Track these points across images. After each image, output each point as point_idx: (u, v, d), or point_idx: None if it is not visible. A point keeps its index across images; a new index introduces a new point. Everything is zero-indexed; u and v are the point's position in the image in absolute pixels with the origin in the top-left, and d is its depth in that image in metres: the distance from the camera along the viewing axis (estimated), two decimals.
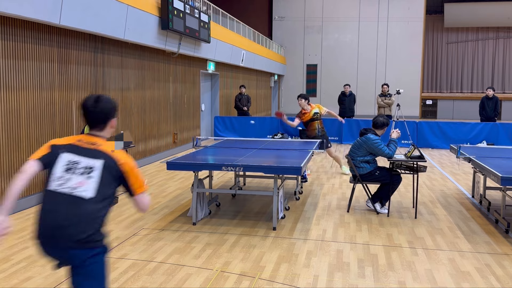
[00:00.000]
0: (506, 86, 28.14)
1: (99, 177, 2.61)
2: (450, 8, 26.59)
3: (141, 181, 2.74)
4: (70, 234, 2.49)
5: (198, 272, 4.26)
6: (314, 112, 8.46)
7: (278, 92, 25.92)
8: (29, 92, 6.45)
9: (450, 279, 4.18)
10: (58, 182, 2.60)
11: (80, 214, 2.51)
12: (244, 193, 7.23)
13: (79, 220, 2.50)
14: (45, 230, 2.55)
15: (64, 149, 2.70)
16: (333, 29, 25.08)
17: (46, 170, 2.68)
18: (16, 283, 3.99)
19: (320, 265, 4.46)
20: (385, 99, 13.98)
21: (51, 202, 2.59)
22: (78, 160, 2.65)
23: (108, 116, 2.80)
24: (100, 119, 2.78)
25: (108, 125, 2.83)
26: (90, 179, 2.59)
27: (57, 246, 2.53)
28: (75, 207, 2.53)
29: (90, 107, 2.75)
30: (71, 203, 2.54)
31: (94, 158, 2.66)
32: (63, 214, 2.52)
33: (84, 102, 2.77)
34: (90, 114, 2.77)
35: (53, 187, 2.60)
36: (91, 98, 2.77)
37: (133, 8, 8.36)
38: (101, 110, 2.76)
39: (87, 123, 2.83)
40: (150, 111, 10.28)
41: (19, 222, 5.73)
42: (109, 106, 2.79)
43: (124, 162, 2.69)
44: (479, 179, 6.94)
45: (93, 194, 2.56)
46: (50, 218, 2.55)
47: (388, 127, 6.53)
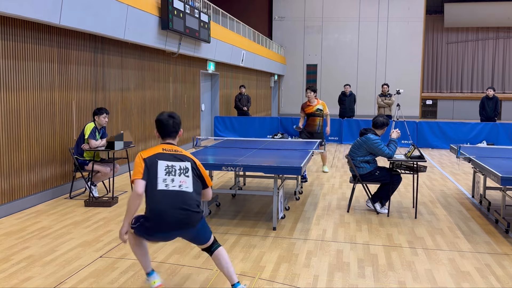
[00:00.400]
0: (506, 86, 28.14)
1: (192, 175, 3.54)
2: (450, 8, 26.59)
3: (209, 177, 3.72)
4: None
5: (198, 272, 4.26)
6: (318, 108, 8.52)
7: (278, 92, 25.92)
8: (29, 92, 6.45)
9: (450, 279, 4.18)
10: (165, 183, 3.43)
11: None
12: (244, 193, 7.23)
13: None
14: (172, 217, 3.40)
15: (156, 157, 3.52)
16: (333, 29, 25.08)
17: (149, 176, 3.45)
18: (16, 283, 3.99)
19: (320, 265, 4.46)
20: (385, 99, 13.98)
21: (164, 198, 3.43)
22: (173, 164, 3.51)
23: (179, 128, 3.70)
24: (174, 130, 3.66)
25: (178, 134, 3.72)
26: (188, 178, 3.52)
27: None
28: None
29: (165, 121, 3.61)
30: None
31: (185, 160, 3.56)
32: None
33: (160, 118, 3.62)
34: (167, 127, 3.63)
35: (162, 187, 3.42)
36: (165, 115, 3.63)
37: (133, 8, 8.36)
38: (174, 123, 3.64)
39: (163, 134, 3.67)
40: (150, 111, 10.28)
41: (19, 222, 5.74)
42: (179, 120, 3.69)
43: (199, 163, 3.62)
44: (479, 179, 6.94)
45: (191, 189, 3.49)
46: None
47: (388, 127, 6.53)
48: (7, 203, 6.07)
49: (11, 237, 5.19)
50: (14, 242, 5.01)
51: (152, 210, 3.40)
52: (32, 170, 6.55)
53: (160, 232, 3.44)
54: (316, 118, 8.55)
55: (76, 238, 5.18)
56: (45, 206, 6.51)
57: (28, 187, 6.47)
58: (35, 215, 6.08)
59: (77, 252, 4.72)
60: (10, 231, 5.40)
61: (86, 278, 4.10)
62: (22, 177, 6.36)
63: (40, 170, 6.71)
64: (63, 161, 7.20)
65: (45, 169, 6.81)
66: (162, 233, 3.45)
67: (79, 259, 4.53)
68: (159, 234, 3.48)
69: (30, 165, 6.51)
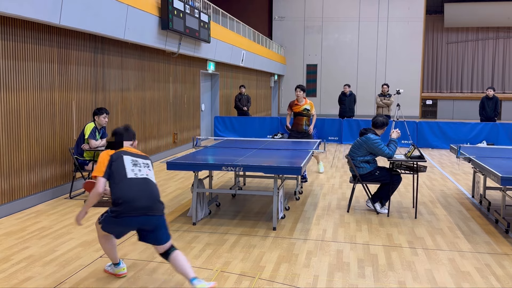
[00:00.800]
0: (506, 86, 28.14)
1: (152, 171, 3.94)
2: (450, 8, 26.59)
3: None
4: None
5: (198, 272, 4.25)
6: (305, 108, 8.42)
7: (278, 92, 25.92)
8: (29, 92, 6.45)
9: (450, 279, 4.18)
10: (133, 172, 3.75)
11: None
12: (244, 193, 7.23)
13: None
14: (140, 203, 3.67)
15: (122, 153, 3.86)
16: (333, 29, 25.08)
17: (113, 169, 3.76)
18: (16, 283, 3.99)
19: (320, 265, 4.46)
20: (384, 99, 13.99)
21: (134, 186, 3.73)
22: (137, 159, 3.88)
23: (135, 137, 4.19)
24: (131, 138, 4.14)
25: (135, 141, 4.19)
26: (150, 171, 3.90)
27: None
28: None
29: (122, 131, 4.07)
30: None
31: (146, 158, 3.98)
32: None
33: (117, 130, 4.08)
34: (123, 135, 4.07)
35: (131, 175, 3.73)
36: (121, 127, 4.11)
37: (133, 8, 8.36)
38: (132, 132, 4.15)
39: (121, 142, 4.04)
40: (150, 111, 10.28)
41: (19, 222, 5.74)
42: (134, 131, 4.17)
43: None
44: (479, 179, 6.94)
45: (155, 182, 3.87)
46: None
47: (387, 127, 6.53)
48: (7, 203, 6.07)
49: (11, 237, 5.19)
50: (14, 242, 5.01)
51: (122, 197, 3.62)
52: (32, 170, 6.55)
53: (129, 217, 3.61)
54: (302, 117, 8.47)
55: (76, 238, 5.18)
56: (45, 206, 6.51)
57: (28, 187, 6.47)
58: (35, 215, 6.08)
59: (77, 252, 4.72)
60: (10, 231, 5.40)
61: (86, 278, 4.10)
62: (22, 177, 6.36)
63: (40, 170, 6.71)
64: (63, 161, 7.20)
65: (45, 169, 6.81)
66: (131, 217, 3.61)
67: (79, 259, 4.53)
68: (127, 219, 3.62)
69: (30, 165, 6.51)
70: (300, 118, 8.49)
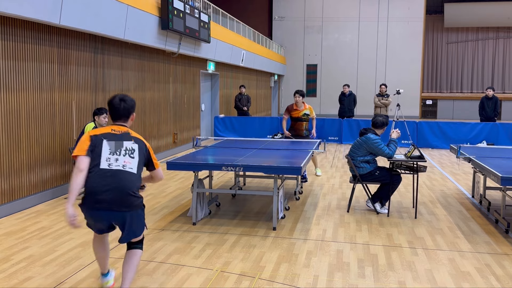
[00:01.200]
0: (506, 86, 28.14)
1: (138, 157, 3.51)
2: (450, 8, 26.59)
3: (157, 160, 3.73)
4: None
5: (198, 272, 4.26)
6: (305, 113, 8.37)
7: (278, 92, 25.92)
8: (29, 92, 6.45)
9: (450, 279, 4.18)
10: (108, 162, 3.39)
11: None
12: (244, 193, 7.23)
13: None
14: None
15: (103, 136, 3.48)
16: (333, 29, 25.08)
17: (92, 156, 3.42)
18: (16, 283, 3.99)
19: (320, 265, 4.46)
20: (382, 99, 13.99)
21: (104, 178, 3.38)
22: (119, 144, 3.47)
23: (130, 111, 3.66)
24: (125, 114, 3.62)
25: (130, 118, 3.68)
26: (133, 159, 3.48)
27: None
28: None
29: (116, 105, 3.58)
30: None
31: (133, 142, 3.53)
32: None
33: (111, 101, 3.60)
34: (117, 110, 3.59)
35: (104, 166, 3.38)
36: (116, 98, 3.60)
37: (133, 8, 8.36)
38: (125, 107, 3.60)
39: (113, 117, 3.62)
40: (150, 111, 10.28)
41: (19, 222, 5.74)
42: (131, 103, 3.65)
43: (149, 146, 3.63)
44: (479, 179, 6.94)
45: (135, 171, 3.45)
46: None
47: (388, 126, 6.53)
48: (7, 203, 6.07)
49: (11, 237, 5.19)
50: (14, 242, 5.01)
51: (88, 187, 3.35)
52: (32, 170, 6.55)
53: (92, 210, 3.38)
54: (302, 123, 8.41)
55: (76, 238, 5.18)
56: (45, 206, 6.51)
57: (28, 187, 6.47)
58: (35, 215, 6.08)
59: (77, 252, 4.72)
60: (10, 231, 5.40)
61: (86, 278, 4.10)
62: (22, 177, 6.36)
63: (40, 170, 6.71)
64: (63, 161, 7.20)
65: (45, 169, 6.81)
66: (93, 210, 3.38)
67: (79, 259, 4.53)
68: (91, 212, 3.40)
69: (30, 165, 6.51)
70: (300, 124, 8.41)
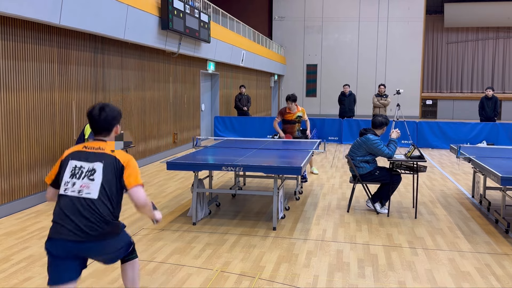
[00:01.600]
0: (506, 86, 28.13)
1: (101, 178, 2.90)
2: (450, 8, 26.59)
3: (138, 176, 2.99)
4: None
5: (198, 272, 4.26)
6: (298, 115, 8.40)
7: (278, 92, 25.92)
8: (29, 92, 6.45)
9: (450, 279, 4.18)
10: (65, 186, 2.91)
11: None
12: (244, 193, 7.23)
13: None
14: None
15: (71, 156, 3.01)
16: (333, 29, 25.08)
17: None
18: (16, 283, 3.99)
19: (320, 265, 4.46)
20: (381, 99, 13.99)
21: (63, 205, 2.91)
22: (82, 165, 2.95)
23: (113, 123, 3.10)
24: (105, 127, 3.07)
25: (113, 131, 3.13)
26: (93, 181, 2.90)
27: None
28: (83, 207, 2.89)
29: (95, 116, 3.04)
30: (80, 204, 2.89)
31: (96, 161, 2.95)
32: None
33: (90, 111, 3.06)
34: (96, 122, 3.06)
35: (61, 191, 2.92)
36: (96, 108, 3.06)
37: (133, 8, 8.36)
38: (105, 119, 3.05)
39: (93, 130, 3.10)
40: (150, 111, 10.28)
41: (19, 222, 5.74)
42: (113, 114, 3.09)
43: (125, 160, 3.00)
44: (479, 179, 6.94)
45: (96, 195, 2.88)
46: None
47: (388, 126, 6.52)
48: (7, 203, 6.07)
49: (11, 237, 5.19)
50: (14, 242, 5.01)
51: (54, 211, 2.94)
52: (32, 170, 6.55)
53: (54, 241, 2.85)
54: (295, 125, 8.46)
55: None
56: (45, 206, 6.51)
57: (28, 187, 6.47)
58: (35, 215, 6.08)
59: None
60: (10, 231, 5.40)
61: (86, 278, 4.10)
62: (22, 177, 6.36)
63: (40, 170, 6.71)
64: None
65: (45, 169, 6.80)
66: (56, 244, 2.84)
67: None
68: (55, 243, 2.85)
69: (30, 165, 6.51)
70: (293, 126, 8.42)
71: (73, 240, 2.82)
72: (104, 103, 3.12)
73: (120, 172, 2.96)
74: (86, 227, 2.83)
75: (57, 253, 2.86)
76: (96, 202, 2.87)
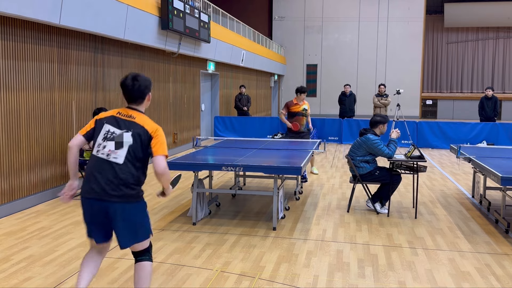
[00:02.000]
0: (506, 86, 28.14)
1: (128, 145, 3.15)
2: (450, 8, 26.59)
3: (164, 146, 3.21)
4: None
5: (198, 272, 4.26)
6: (304, 108, 8.45)
7: (278, 92, 25.92)
8: (29, 92, 6.45)
9: (450, 279, 4.18)
10: (97, 148, 3.19)
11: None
12: (244, 193, 7.23)
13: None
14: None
15: (105, 120, 3.26)
16: (333, 29, 25.08)
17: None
18: (16, 283, 3.99)
19: (320, 265, 4.46)
20: (381, 99, 13.99)
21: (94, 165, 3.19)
22: (114, 131, 3.19)
23: (146, 92, 3.30)
24: (139, 95, 3.28)
25: (146, 99, 3.33)
26: (121, 148, 3.16)
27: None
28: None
29: (129, 86, 3.25)
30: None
31: (126, 129, 3.19)
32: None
33: (123, 81, 3.27)
34: (130, 92, 3.27)
35: (94, 152, 3.21)
36: (129, 78, 3.26)
37: (133, 8, 8.36)
38: (139, 88, 3.26)
39: (127, 99, 3.31)
40: (150, 111, 10.28)
41: (19, 222, 5.74)
42: (145, 83, 3.29)
43: (154, 131, 3.21)
44: (479, 179, 6.94)
45: (122, 161, 3.14)
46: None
47: (388, 126, 6.51)
48: (7, 203, 6.07)
49: (11, 237, 5.19)
50: (14, 242, 5.01)
51: (85, 173, 3.23)
52: (32, 170, 6.55)
53: (85, 198, 3.16)
54: (303, 117, 8.47)
55: (76, 238, 5.18)
56: (45, 206, 6.51)
57: (28, 187, 6.47)
58: (35, 215, 6.08)
59: (77, 252, 4.72)
60: (10, 231, 5.40)
61: None
62: (22, 177, 6.36)
63: (40, 170, 6.71)
64: (63, 161, 7.20)
65: (45, 169, 6.81)
66: (86, 199, 3.16)
67: (79, 259, 4.52)
68: (83, 200, 3.18)
69: (30, 165, 6.51)
70: (301, 118, 8.44)
71: (98, 198, 3.10)
72: (136, 73, 3.29)
73: (148, 141, 3.18)
74: (109, 187, 3.09)
75: (88, 211, 3.19)
76: (122, 166, 3.12)
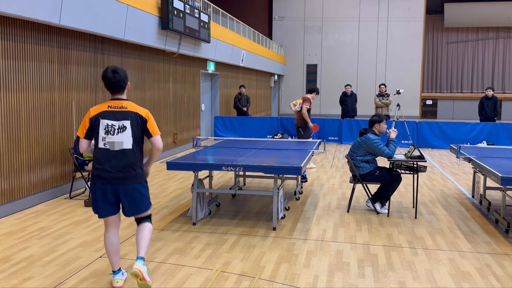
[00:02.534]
0: (506, 86, 28.13)
1: (131, 132, 3.73)
2: (450, 8, 26.59)
3: (156, 126, 3.88)
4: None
5: (198, 272, 4.26)
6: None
7: (278, 92, 25.92)
8: (29, 92, 6.45)
9: (450, 279, 4.18)
10: (103, 142, 3.69)
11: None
12: (244, 193, 7.23)
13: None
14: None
15: (100, 116, 3.72)
16: (333, 29, 25.07)
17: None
18: (16, 283, 3.99)
19: (320, 265, 4.46)
20: (382, 99, 13.99)
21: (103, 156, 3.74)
22: (112, 123, 3.70)
23: (126, 82, 3.82)
24: (121, 86, 3.79)
25: (126, 88, 3.85)
26: (125, 134, 3.72)
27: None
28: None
29: (111, 78, 3.74)
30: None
31: (123, 119, 3.72)
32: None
33: (105, 75, 3.74)
34: (113, 84, 3.76)
35: (101, 146, 3.71)
36: (109, 71, 3.74)
37: (133, 8, 8.36)
38: (120, 79, 3.76)
39: (110, 91, 3.80)
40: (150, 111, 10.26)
41: (19, 222, 5.74)
42: (124, 74, 3.80)
43: (146, 114, 3.83)
44: (479, 179, 6.94)
45: (130, 146, 3.74)
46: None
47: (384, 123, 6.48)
48: (7, 203, 6.07)
49: (11, 237, 5.18)
50: (14, 242, 5.01)
51: (95, 160, 3.76)
52: (32, 170, 6.55)
53: (100, 179, 3.71)
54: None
55: (76, 238, 5.18)
56: (45, 206, 6.52)
57: (28, 187, 6.47)
58: (35, 215, 6.08)
59: (77, 252, 4.72)
60: (10, 231, 5.40)
61: (86, 278, 4.10)
62: (22, 177, 6.36)
63: (40, 170, 6.71)
64: (63, 161, 7.20)
65: (45, 169, 6.81)
66: (101, 184, 3.72)
67: (79, 259, 4.53)
68: (100, 182, 3.72)
69: (30, 165, 6.51)
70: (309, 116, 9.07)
71: (111, 183, 3.69)
72: (114, 66, 3.80)
73: (144, 125, 3.80)
74: (121, 172, 3.69)
75: (102, 195, 3.73)
76: (128, 152, 3.72)
